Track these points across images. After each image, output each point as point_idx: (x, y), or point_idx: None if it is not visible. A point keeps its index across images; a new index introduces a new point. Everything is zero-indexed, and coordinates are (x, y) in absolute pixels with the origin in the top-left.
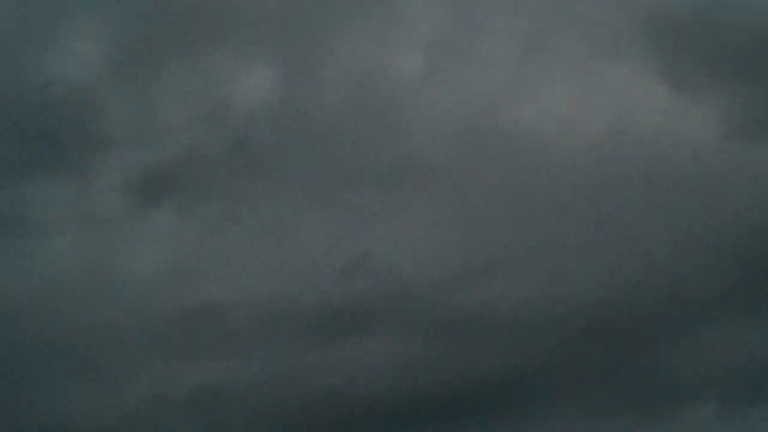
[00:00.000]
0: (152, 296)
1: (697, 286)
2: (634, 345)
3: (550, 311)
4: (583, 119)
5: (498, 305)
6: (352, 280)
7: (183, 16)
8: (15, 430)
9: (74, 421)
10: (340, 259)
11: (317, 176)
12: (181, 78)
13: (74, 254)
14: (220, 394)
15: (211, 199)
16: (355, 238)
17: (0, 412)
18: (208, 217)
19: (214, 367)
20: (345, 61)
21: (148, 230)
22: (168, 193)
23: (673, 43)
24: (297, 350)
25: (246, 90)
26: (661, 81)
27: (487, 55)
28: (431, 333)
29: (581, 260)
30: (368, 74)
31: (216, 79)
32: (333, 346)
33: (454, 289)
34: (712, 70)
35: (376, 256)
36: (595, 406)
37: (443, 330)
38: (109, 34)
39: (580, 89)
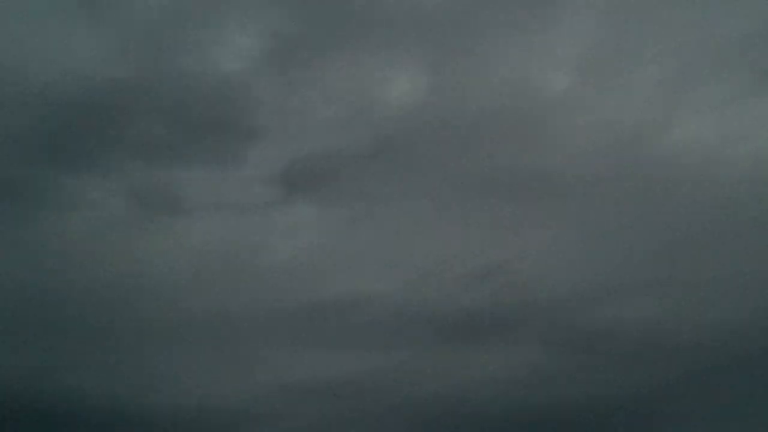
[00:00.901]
0: (286, 286)
1: None
2: (762, 381)
3: (680, 338)
4: (731, 150)
5: (627, 327)
6: (483, 289)
7: (338, 15)
8: (144, 410)
9: (203, 402)
10: (472, 266)
11: (458, 182)
12: (332, 76)
13: (216, 239)
14: (344, 388)
15: (351, 196)
16: (490, 246)
17: (130, 391)
18: (346, 214)
19: (339, 361)
20: (493, 71)
21: (288, 222)
22: (310, 187)
23: None
24: (422, 352)
25: (394, 91)
26: None
27: (636, 78)
28: (557, 348)
29: (718, 290)
30: (515, 87)
31: (366, 79)
32: (458, 352)
33: (583, 307)
34: None
35: (509, 267)
36: None
37: (569, 346)
38: (267, 28)
39: (730, 119)
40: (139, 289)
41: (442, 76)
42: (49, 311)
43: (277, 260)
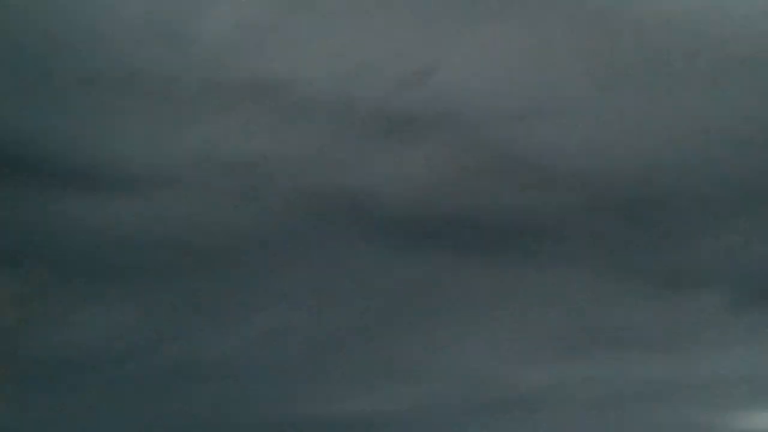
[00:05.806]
0: (220, 59)
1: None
2: (657, 224)
3: (592, 169)
4: None
5: (553, 151)
6: (412, 90)
7: None
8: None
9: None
10: (405, 66)
11: None
12: None
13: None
14: (259, 166)
15: None
16: (422, 48)
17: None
18: None
19: (260, 138)
20: None
21: None
22: None
23: None
24: (339, 143)
25: None
26: None
27: None
28: (468, 161)
29: (630, 125)
30: None
31: None
32: (373, 149)
33: (506, 125)
34: None
35: (438, 72)
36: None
37: (481, 162)
38: None
39: None
40: (77, 40)
41: None
42: None
43: (213, 31)
